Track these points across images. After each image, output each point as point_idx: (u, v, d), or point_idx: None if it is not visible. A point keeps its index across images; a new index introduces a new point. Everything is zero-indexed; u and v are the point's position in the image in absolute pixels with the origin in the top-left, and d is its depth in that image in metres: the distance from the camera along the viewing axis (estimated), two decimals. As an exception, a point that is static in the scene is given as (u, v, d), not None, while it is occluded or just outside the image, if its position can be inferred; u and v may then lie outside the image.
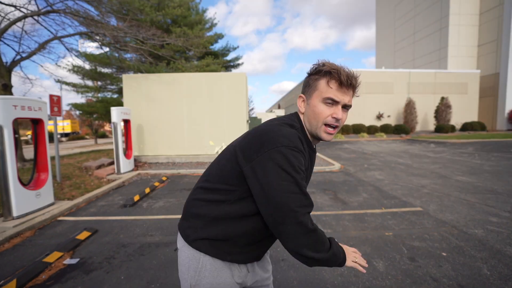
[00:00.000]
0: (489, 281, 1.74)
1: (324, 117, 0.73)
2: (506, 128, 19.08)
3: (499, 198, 3.53)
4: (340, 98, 0.72)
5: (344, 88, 0.71)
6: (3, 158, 2.80)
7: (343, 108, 0.74)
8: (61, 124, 26.86)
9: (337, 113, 0.72)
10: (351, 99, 0.75)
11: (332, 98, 0.71)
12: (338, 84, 0.71)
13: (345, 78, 0.70)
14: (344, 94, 0.72)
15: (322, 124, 0.74)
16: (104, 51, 8.66)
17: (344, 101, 0.73)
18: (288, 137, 0.67)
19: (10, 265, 2.10)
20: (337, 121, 0.73)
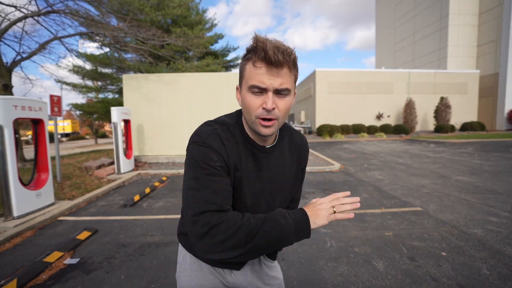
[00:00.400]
0: (489, 281, 1.75)
1: (254, 109, 0.58)
2: (505, 128, 19.09)
3: (499, 198, 3.53)
4: (267, 84, 0.55)
5: (273, 69, 0.55)
6: (3, 158, 2.80)
7: (277, 95, 0.58)
8: (62, 124, 26.86)
9: (267, 102, 0.56)
10: (285, 82, 0.56)
11: (256, 86, 0.56)
12: (266, 64, 0.55)
13: (271, 53, 0.53)
14: (272, 77, 0.55)
15: (255, 118, 0.59)
16: (104, 51, 8.67)
17: (274, 86, 0.56)
18: (199, 134, 0.63)
19: (11, 264, 2.10)
20: (269, 112, 0.57)
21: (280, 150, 0.72)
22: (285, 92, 0.58)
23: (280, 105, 0.59)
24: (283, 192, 0.74)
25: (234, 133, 0.67)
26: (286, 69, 0.56)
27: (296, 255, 2.17)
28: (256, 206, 0.70)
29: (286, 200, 0.76)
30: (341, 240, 2.42)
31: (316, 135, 18.36)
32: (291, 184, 0.75)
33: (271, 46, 0.54)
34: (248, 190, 0.68)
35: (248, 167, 0.67)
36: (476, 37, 21.35)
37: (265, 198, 0.71)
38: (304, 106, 23.35)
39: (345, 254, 2.17)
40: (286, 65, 0.56)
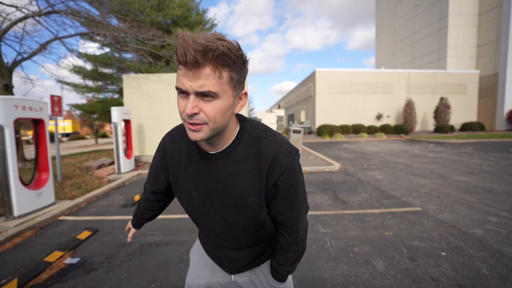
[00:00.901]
0: (488, 281, 1.75)
1: (181, 112, 0.54)
2: (505, 128, 19.11)
3: (498, 198, 3.54)
4: (186, 86, 0.50)
5: (193, 69, 0.48)
6: (4, 158, 2.81)
7: (202, 97, 0.51)
8: (62, 124, 26.86)
9: (187, 107, 0.51)
10: (209, 83, 0.49)
11: (178, 88, 0.52)
12: (183, 66, 0.49)
13: (182, 53, 0.47)
14: (192, 79, 0.49)
15: (184, 121, 0.55)
16: (105, 51, 8.68)
17: (194, 88, 0.49)
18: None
19: (11, 264, 2.11)
20: (191, 117, 0.52)
21: (234, 159, 0.62)
22: (210, 95, 0.51)
23: (206, 110, 0.52)
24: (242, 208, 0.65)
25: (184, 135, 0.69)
26: (208, 69, 0.49)
27: (296, 254, 2.18)
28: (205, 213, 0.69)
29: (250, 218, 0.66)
30: (341, 240, 2.43)
31: (316, 135, 18.37)
32: (252, 201, 0.64)
33: (185, 44, 0.47)
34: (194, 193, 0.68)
35: (191, 170, 0.67)
36: (475, 37, 21.38)
37: (216, 207, 0.66)
38: (304, 106, 23.35)
39: (345, 254, 2.18)
40: (208, 64, 0.48)
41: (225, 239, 0.73)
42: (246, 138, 0.64)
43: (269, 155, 0.62)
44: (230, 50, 0.49)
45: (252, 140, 0.63)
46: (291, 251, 0.73)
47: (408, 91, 19.84)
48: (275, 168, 0.62)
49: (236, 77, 0.53)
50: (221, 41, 0.49)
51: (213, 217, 0.69)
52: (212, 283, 0.82)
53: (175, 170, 0.71)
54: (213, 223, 0.71)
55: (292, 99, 28.73)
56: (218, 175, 0.64)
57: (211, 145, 0.63)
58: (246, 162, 0.62)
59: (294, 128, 8.15)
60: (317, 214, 3.11)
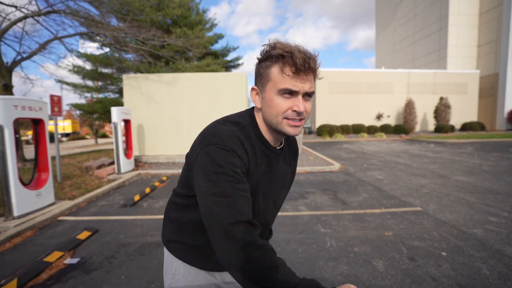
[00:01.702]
0: (488, 281, 1.75)
1: (283, 111, 0.60)
2: (505, 128, 19.10)
3: (498, 198, 3.54)
4: (298, 87, 0.59)
5: (302, 74, 0.58)
6: (4, 158, 2.80)
7: (304, 97, 0.61)
8: (62, 124, 26.87)
9: (298, 105, 0.59)
10: (312, 85, 0.61)
11: (289, 89, 0.59)
12: (294, 70, 0.57)
13: (301, 61, 0.56)
14: (303, 81, 0.59)
15: (282, 119, 0.61)
16: (105, 51, 8.68)
17: (305, 89, 0.59)
18: (219, 135, 0.59)
19: (11, 264, 2.11)
20: (299, 114, 0.61)
21: (284, 153, 0.76)
22: (311, 94, 0.63)
23: (307, 107, 0.63)
24: (285, 191, 0.80)
25: (249, 134, 0.66)
26: (312, 74, 0.61)
27: (296, 255, 2.17)
28: (265, 207, 0.72)
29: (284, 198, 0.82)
30: (341, 240, 2.42)
31: (316, 135, 18.36)
32: (289, 183, 0.82)
33: (300, 54, 0.57)
34: (261, 192, 0.69)
35: (262, 169, 0.67)
36: (476, 37, 21.37)
37: (273, 198, 0.74)
38: (304, 106, 23.31)
39: (345, 254, 2.17)
40: (313, 71, 0.61)
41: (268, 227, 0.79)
42: None
43: (295, 145, 0.84)
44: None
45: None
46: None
47: (408, 91, 19.83)
48: (297, 155, 0.85)
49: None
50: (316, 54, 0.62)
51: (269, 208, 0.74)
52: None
53: (254, 174, 0.65)
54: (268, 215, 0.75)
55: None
56: (279, 168, 0.73)
57: (277, 141, 0.71)
58: (289, 153, 0.79)
59: (294, 128, 8.14)
60: (317, 214, 3.11)
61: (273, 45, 0.60)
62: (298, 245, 2.33)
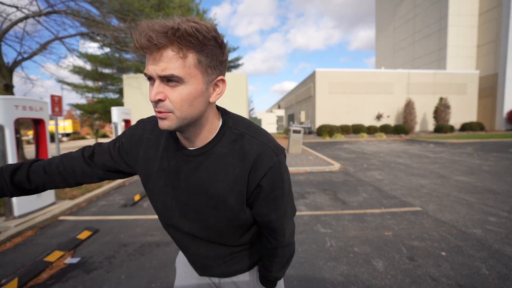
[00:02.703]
0: (488, 281, 1.76)
1: (150, 101, 0.50)
2: (504, 128, 19.12)
3: (498, 198, 3.54)
4: (150, 71, 0.47)
5: (154, 52, 0.45)
6: (4, 158, 2.81)
7: (167, 83, 0.47)
8: (62, 124, 26.88)
9: (151, 93, 0.48)
10: (172, 66, 0.45)
11: (145, 74, 0.49)
12: (144, 50, 0.46)
13: (138, 38, 0.44)
14: (154, 61, 0.46)
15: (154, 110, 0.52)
16: (105, 51, 8.69)
17: (157, 72, 0.46)
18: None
19: (12, 264, 2.11)
20: (156, 104, 0.48)
21: (214, 157, 0.58)
22: (174, 79, 0.46)
23: (171, 96, 0.48)
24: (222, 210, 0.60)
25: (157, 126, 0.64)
26: (170, 50, 0.45)
27: (296, 254, 2.18)
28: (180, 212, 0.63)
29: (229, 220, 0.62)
30: (341, 240, 2.43)
31: (316, 135, 18.37)
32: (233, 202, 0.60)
33: (141, 28, 0.44)
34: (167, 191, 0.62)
35: (171, 165, 0.60)
36: (475, 37, 21.40)
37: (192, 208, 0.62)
38: (304, 106, 23.36)
39: (344, 253, 2.18)
40: (169, 45, 0.44)
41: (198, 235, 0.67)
42: (228, 134, 0.59)
43: (253, 154, 0.57)
44: (197, 31, 0.45)
45: (235, 137, 0.59)
46: (277, 256, 0.70)
47: (408, 91, 19.85)
48: (258, 167, 0.57)
49: (206, 61, 0.49)
50: (189, 22, 0.45)
51: (189, 216, 0.63)
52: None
53: (148, 165, 0.63)
54: (188, 223, 0.64)
55: (292, 99, 28.74)
56: (196, 173, 0.59)
57: (189, 140, 0.58)
58: (228, 161, 0.58)
59: (294, 128, 8.14)
60: (317, 214, 3.11)
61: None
62: (298, 245, 2.34)
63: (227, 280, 0.76)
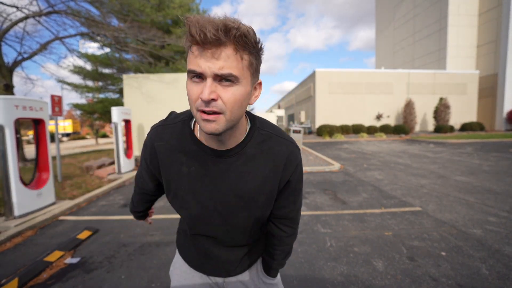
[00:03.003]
0: (488, 281, 1.76)
1: (193, 100, 0.47)
2: (504, 128, 19.12)
3: (498, 198, 3.54)
4: (203, 67, 0.44)
5: (209, 49, 0.43)
6: (4, 158, 2.81)
7: (220, 82, 0.46)
8: (62, 124, 26.89)
9: (203, 90, 0.45)
10: (229, 65, 0.44)
11: (192, 70, 0.46)
12: (200, 45, 0.44)
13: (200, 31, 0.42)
14: (209, 59, 0.44)
15: (196, 111, 0.48)
16: (105, 51, 8.69)
17: (212, 70, 0.44)
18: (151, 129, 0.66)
19: (12, 264, 2.11)
20: (207, 104, 0.46)
21: (244, 157, 0.58)
22: (229, 78, 0.45)
23: (224, 96, 0.46)
24: (250, 209, 0.62)
25: (177, 130, 0.59)
26: (230, 49, 0.44)
27: (296, 254, 2.18)
28: (206, 217, 0.63)
29: (257, 218, 0.65)
30: (341, 240, 2.43)
31: (316, 135, 18.37)
32: (263, 201, 0.62)
33: (202, 21, 0.42)
34: (191, 197, 0.61)
35: (192, 171, 0.58)
36: (475, 37, 21.40)
37: (218, 210, 0.62)
38: (304, 106, 23.36)
39: (344, 253, 2.18)
40: (229, 44, 0.44)
41: (222, 240, 0.68)
42: (257, 135, 0.60)
43: (283, 154, 0.61)
44: (249, 32, 0.45)
45: (263, 138, 0.60)
46: (287, 244, 0.74)
47: (408, 91, 19.85)
48: (288, 166, 0.61)
49: (255, 63, 0.49)
50: (239, 22, 0.45)
51: (214, 221, 0.63)
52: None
53: (167, 172, 0.61)
54: (213, 227, 0.65)
55: (292, 99, 28.74)
56: (226, 175, 0.59)
57: (220, 142, 0.56)
58: (258, 161, 0.59)
59: (294, 128, 8.15)
60: (317, 214, 3.11)
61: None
62: (298, 245, 2.34)
63: (232, 279, 0.77)
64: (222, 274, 0.74)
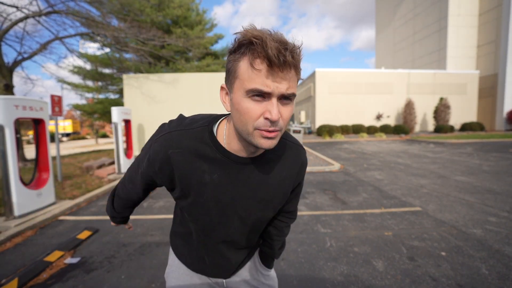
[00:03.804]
0: (488, 281, 1.76)
1: (253, 119, 0.47)
2: (504, 128, 19.12)
3: (498, 198, 3.54)
4: (271, 87, 0.45)
5: (277, 70, 0.44)
6: (4, 158, 2.81)
7: (281, 101, 0.47)
8: (62, 124, 26.89)
9: (271, 111, 0.45)
10: (291, 85, 0.46)
11: (258, 90, 0.45)
12: (267, 65, 0.44)
13: (275, 52, 0.42)
14: (277, 80, 0.45)
15: (254, 129, 0.48)
16: (105, 51, 8.69)
17: (280, 91, 0.45)
18: (156, 133, 0.61)
19: (12, 264, 2.11)
20: (273, 123, 0.47)
21: (264, 163, 0.61)
22: (291, 97, 0.48)
23: (284, 114, 0.48)
24: (265, 210, 0.65)
25: (196, 137, 0.57)
26: (293, 70, 0.46)
27: (296, 254, 2.18)
28: (225, 222, 0.64)
29: (266, 218, 0.68)
30: (341, 240, 2.43)
31: (316, 135, 18.37)
32: (277, 203, 0.66)
33: (274, 43, 0.42)
34: (213, 204, 0.61)
35: (214, 178, 0.58)
36: (475, 37, 21.40)
37: (238, 213, 0.63)
38: (304, 106, 23.37)
39: (344, 253, 2.18)
40: (292, 66, 0.45)
41: (236, 243, 0.69)
42: None
43: (297, 159, 0.66)
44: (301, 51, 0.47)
45: (279, 143, 0.63)
46: (285, 234, 0.80)
47: (408, 91, 19.85)
48: (301, 169, 0.68)
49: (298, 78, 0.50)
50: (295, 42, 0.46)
51: (233, 225, 0.65)
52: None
53: (185, 181, 0.58)
54: (231, 231, 0.66)
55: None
56: (248, 181, 0.60)
57: (250, 151, 0.57)
58: (275, 166, 0.63)
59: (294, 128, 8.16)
60: (317, 214, 3.11)
61: (244, 31, 0.45)
62: (298, 245, 2.34)
63: (232, 279, 0.78)
64: (223, 275, 0.75)
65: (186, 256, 0.76)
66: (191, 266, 0.75)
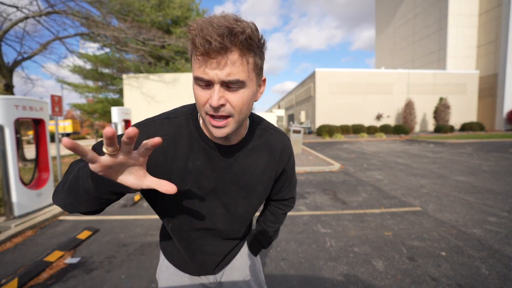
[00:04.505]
0: (488, 281, 1.76)
1: (202, 104, 0.49)
2: (504, 128, 19.13)
3: (498, 198, 3.54)
4: (210, 75, 0.45)
5: (215, 57, 0.43)
6: (4, 158, 2.81)
7: (228, 88, 0.47)
8: (62, 124, 26.89)
9: (212, 97, 0.46)
10: (236, 71, 0.45)
11: (200, 77, 0.46)
12: (204, 53, 0.43)
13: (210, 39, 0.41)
14: (216, 66, 0.44)
15: (205, 114, 0.50)
16: (105, 51, 8.70)
17: (220, 77, 0.44)
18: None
19: (12, 264, 2.11)
20: (215, 109, 0.47)
21: (246, 151, 0.62)
22: (236, 84, 0.46)
23: (233, 100, 0.47)
24: (248, 198, 0.65)
25: (180, 125, 0.58)
26: (235, 54, 0.44)
27: (296, 254, 2.18)
28: (209, 209, 0.63)
29: (254, 207, 0.68)
30: (341, 240, 2.43)
31: (316, 135, 18.38)
32: (261, 191, 0.67)
33: (209, 28, 0.42)
34: (197, 191, 0.60)
35: (197, 165, 0.58)
36: (475, 37, 21.41)
37: (221, 200, 0.64)
38: (304, 106, 23.37)
39: (344, 253, 2.18)
40: (234, 49, 0.44)
41: (221, 232, 0.68)
42: (256, 129, 0.65)
43: (279, 146, 0.67)
44: (253, 33, 0.45)
45: (261, 131, 0.66)
46: (281, 222, 0.83)
47: (408, 91, 19.86)
48: (283, 157, 0.68)
49: (260, 63, 0.50)
50: (243, 23, 0.44)
51: (216, 212, 0.64)
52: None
53: (169, 168, 0.57)
54: (215, 219, 0.65)
55: (292, 99, 28.75)
56: (230, 168, 0.61)
57: (227, 139, 0.58)
58: (258, 153, 0.64)
59: (294, 128, 8.15)
60: (317, 214, 3.11)
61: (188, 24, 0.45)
62: (298, 245, 2.34)
63: (227, 279, 0.77)
64: (209, 271, 0.74)
65: (172, 255, 0.76)
66: (179, 267, 0.75)
